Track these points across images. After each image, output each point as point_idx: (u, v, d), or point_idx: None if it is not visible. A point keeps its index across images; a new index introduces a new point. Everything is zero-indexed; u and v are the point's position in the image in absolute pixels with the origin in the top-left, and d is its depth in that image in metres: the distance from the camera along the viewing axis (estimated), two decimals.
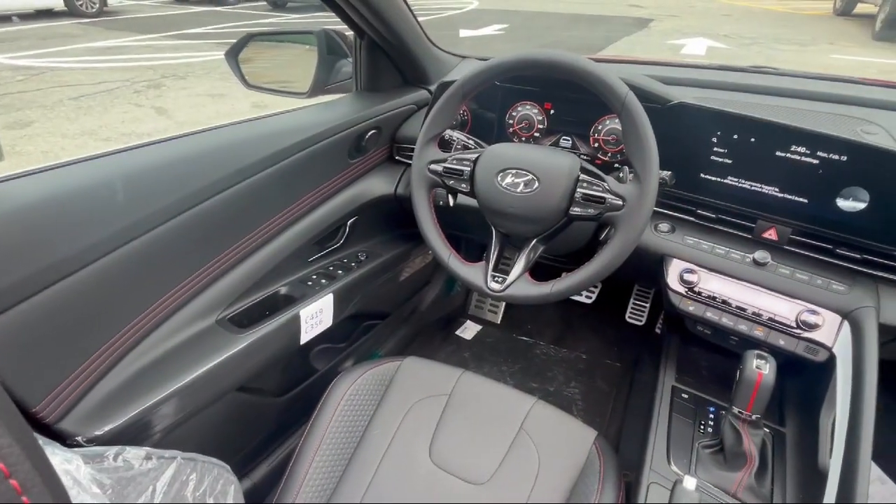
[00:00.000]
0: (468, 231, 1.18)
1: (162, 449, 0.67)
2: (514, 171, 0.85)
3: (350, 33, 1.21)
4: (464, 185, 0.91)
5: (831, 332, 0.87)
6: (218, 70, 5.97)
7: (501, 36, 7.94)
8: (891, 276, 0.86)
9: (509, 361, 1.74)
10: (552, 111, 1.10)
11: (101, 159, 0.80)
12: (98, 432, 0.74)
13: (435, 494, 0.86)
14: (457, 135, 1.07)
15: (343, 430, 0.95)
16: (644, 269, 1.05)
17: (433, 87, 1.27)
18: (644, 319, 1.77)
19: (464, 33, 7.95)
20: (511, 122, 1.13)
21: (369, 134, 1.18)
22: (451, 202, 1.00)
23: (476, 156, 0.90)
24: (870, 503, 0.69)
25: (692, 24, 8.73)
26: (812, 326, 0.88)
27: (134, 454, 0.61)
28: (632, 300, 1.80)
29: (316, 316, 1.11)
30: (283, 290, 1.11)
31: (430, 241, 0.94)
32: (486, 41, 7.50)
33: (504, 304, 1.91)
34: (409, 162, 1.00)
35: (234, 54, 1.24)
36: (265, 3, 11.40)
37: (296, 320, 1.06)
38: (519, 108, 1.12)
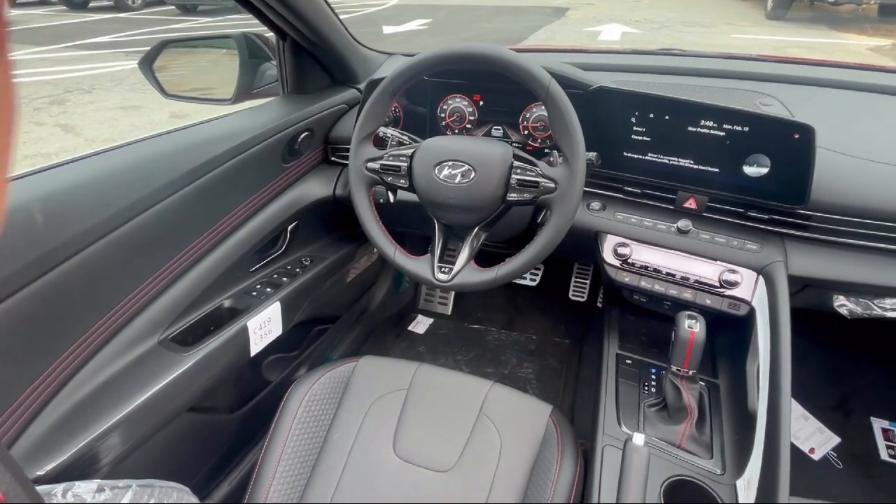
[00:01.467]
0: (412, 226, 1.20)
1: (115, 479, 0.64)
2: (450, 163, 0.87)
3: (271, 35, 1.19)
4: (402, 181, 0.92)
5: (749, 287, 0.96)
6: (128, 81, 5.60)
7: (426, 31, 7.96)
8: (795, 233, 0.96)
9: (463, 350, 1.77)
10: (482, 102, 1.13)
11: (13, 183, 0.74)
12: (41, 472, 0.70)
13: (403, 487, 0.88)
14: (391, 131, 1.08)
15: (304, 437, 0.94)
16: (581, 247, 1.11)
17: (362, 86, 1.27)
18: (586, 295, 1.85)
19: (387, 30, 7.90)
20: (443, 115, 1.15)
21: (302, 137, 1.17)
22: (392, 199, 1.01)
23: (412, 151, 0.91)
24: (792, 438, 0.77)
25: (605, 11, 9.11)
26: (733, 284, 0.96)
27: (85, 488, 0.58)
28: (573, 278, 1.89)
29: (264, 326, 1.09)
30: (228, 304, 1.08)
31: (374, 238, 0.95)
32: (411, 37, 7.49)
33: (453, 294, 1.95)
34: (346, 162, 1.00)
35: (148, 63, 1.18)
36: (173, 7, 10.76)
37: (243, 333, 1.04)
38: (449, 102, 1.14)
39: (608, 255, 1.06)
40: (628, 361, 1.07)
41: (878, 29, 7.36)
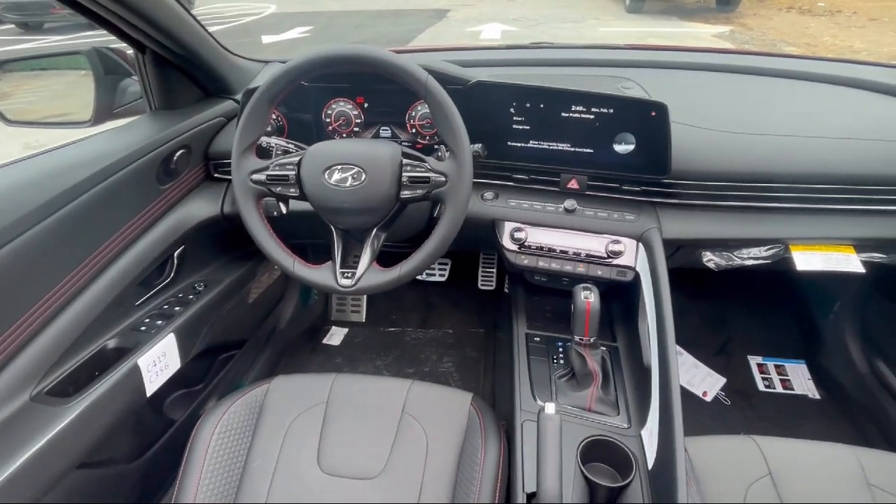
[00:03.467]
0: (311, 236, 1.16)
1: None
2: (339, 167, 0.86)
3: (130, 49, 1.09)
4: (293, 190, 0.89)
5: (632, 255, 1.05)
6: None
7: (308, 38, 7.76)
8: (664, 200, 1.07)
9: (382, 355, 1.76)
10: (366, 104, 1.13)
11: None
12: None
13: (332, 502, 0.85)
14: (275, 141, 1.04)
15: (219, 472, 0.89)
16: (481, 237, 1.15)
17: (239, 97, 1.22)
18: (494, 283, 1.92)
19: (267, 39, 7.59)
20: (328, 120, 1.14)
21: (177, 155, 1.09)
22: (284, 209, 0.97)
23: (298, 158, 0.89)
24: (682, 383, 0.85)
25: (484, 11, 9.46)
26: (618, 254, 1.05)
27: None
28: (480, 268, 1.94)
29: (159, 362, 1.01)
30: (113, 343, 0.98)
31: (269, 252, 0.91)
32: (292, 45, 7.26)
33: (365, 301, 1.92)
34: (230, 177, 0.95)
35: None
36: (13, 26, 9.48)
37: (135, 372, 0.95)
38: (333, 106, 1.13)
39: (506, 241, 1.11)
40: (537, 339, 1.13)
41: (718, 18, 8.36)
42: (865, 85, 1.23)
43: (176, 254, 1.14)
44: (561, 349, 1.10)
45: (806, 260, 1.05)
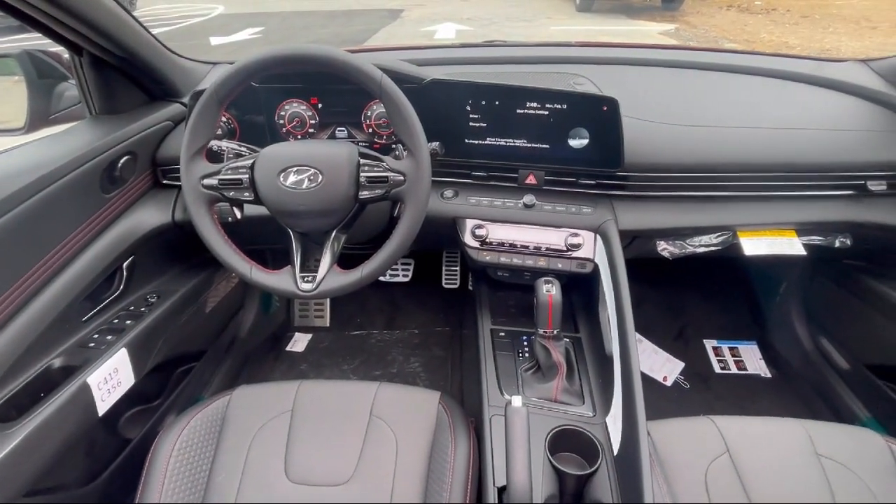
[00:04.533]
0: (268, 241, 1.14)
1: None
2: (294, 169, 0.84)
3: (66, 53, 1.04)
4: (247, 194, 0.87)
5: (590, 247, 1.07)
6: None
7: (259, 39, 7.57)
8: (619, 193, 1.10)
9: (348, 359, 1.74)
10: (320, 105, 1.11)
11: None
12: None
13: None
14: (226, 144, 1.01)
15: (181, 490, 0.86)
16: (443, 235, 1.15)
17: (186, 100, 1.17)
18: (458, 281, 1.93)
19: (216, 41, 7.35)
20: (282, 122, 1.11)
21: (122, 161, 1.04)
22: (239, 215, 0.94)
23: (251, 161, 0.86)
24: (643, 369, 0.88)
25: (438, 10, 9.47)
26: (577, 246, 1.07)
27: None
28: (444, 267, 1.95)
29: (111, 379, 0.96)
30: (59, 362, 0.93)
31: (225, 259, 0.88)
32: (243, 47, 7.06)
33: (329, 305, 1.89)
34: (180, 184, 0.92)
35: None
36: None
37: (85, 391, 0.90)
38: (286, 107, 1.10)
39: (468, 238, 1.11)
40: (502, 334, 1.14)
41: (664, 16, 8.66)
42: (801, 78, 1.30)
43: (125, 265, 1.09)
44: (526, 343, 1.11)
45: (753, 245, 1.10)
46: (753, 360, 1.69)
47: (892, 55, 1.24)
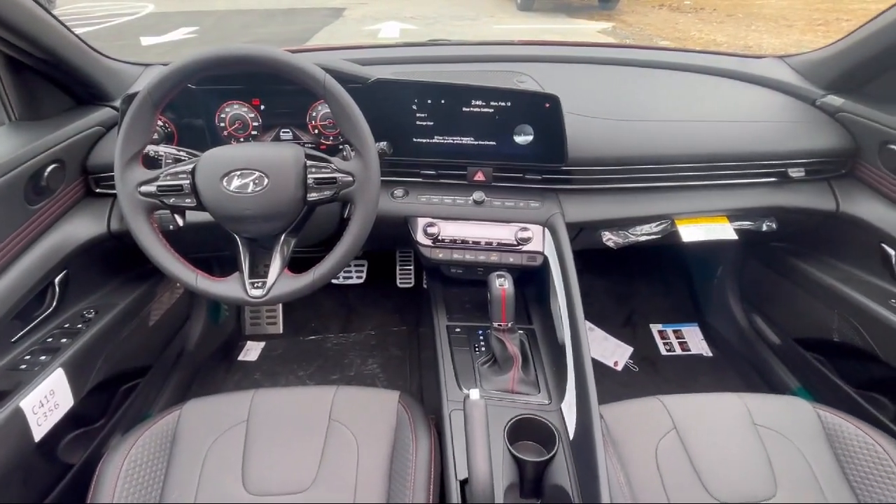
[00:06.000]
0: (214, 248, 1.10)
1: None
2: (238, 173, 0.82)
3: None
4: (188, 200, 0.84)
5: (539, 240, 1.10)
6: None
7: (194, 39, 7.25)
8: (564, 187, 1.13)
9: (304, 365, 1.70)
10: (263, 107, 1.08)
11: None
12: None
13: None
14: (163, 149, 0.97)
15: None
16: (395, 234, 1.15)
17: (118, 103, 1.11)
18: (413, 280, 1.93)
19: (147, 41, 6.99)
20: (223, 125, 1.07)
21: (49, 170, 0.98)
22: (181, 222, 0.91)
23: (192, 166, 0.83)
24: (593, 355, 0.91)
25: (381, 9, 9.40)
26: (527, 240, 1.10)
27: None
28: (398, 266, 1.94)
29: (47, 402, 0.90)
30: None
31: (167, 268, 0.84)
32: (177, 47, 6.74)
33: (281, 311, 1.85)
34: (115, 192, 0.87)
35: None
36: None
37: (18, 416, 0.84)
38: (227, 110, 1.07)
39: (420, 237, 1.12)
40: (458, 330, 1.15)
41: (601, 15, 8.96)
42: (727, 74, 1.38)
43: (57, 280, 1.02)
44: (481, 337, 1.13)
45: (689, 232, 1.16)
46: (696, 341, 1.79)
47: (806, 51, 1.34)
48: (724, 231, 1.18)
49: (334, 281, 1.94)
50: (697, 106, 1.25)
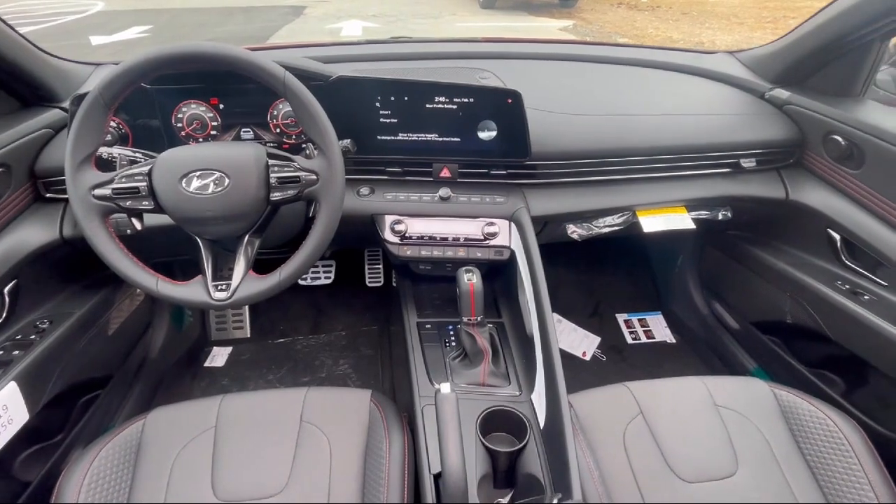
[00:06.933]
0: (174, 252, 1.07)
1: None
2: (198, 173, 0.80)
3: None
4: (146, 203, 0.81)
5: (506, 234, 1.12)
6: None
7: (148, 38, 7.01)
8: (528, 181, 1.15)
9: (274, 368, 1.68)
10: (222, 106, 1.05)
11: None
12: None
13: None
14: (118, 151, 0.94)
15: None
16: (363, 233, 1.14)
17: (67, 104, 1.07)
18: (382, 279, 1.92)
19: (97, 40, 6.71)
20: (180, 125, 1.05)
21: None
22: (139, 226, 0.88)
23: (149, 167, 0.81)
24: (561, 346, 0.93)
25: (342, 7, 9.29)
26: (493, 235, 1.11)
27: None
28: (367, 266, 1.93)
29: (0, 417, 0.86)
30: None
31: (126, 274, 0.82)
32: (129, 46, 6.50)
33: (248, 314, 1.82)
34: (67, 196, 0.84)
35: None
36: None
37: None
38: (184, 109, 1.04)
39: (388, 235, 1.11)
40: (428, 326, 1.15)
41: (562, 13, 9.11)
42: (683, 69, 1.43)
43: (6, 290, 0.98)
44: (452, 332, 1.14)
45: (650, 223, 1.20)
46: (660, 329, 1.85)
47: (754, 47, 1.40)
48: (683, 221, 1.22)
49: (302, 282, 1.92)
50: (655, 100, 1.29)
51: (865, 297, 1.11)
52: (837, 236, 1.18)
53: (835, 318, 1.15)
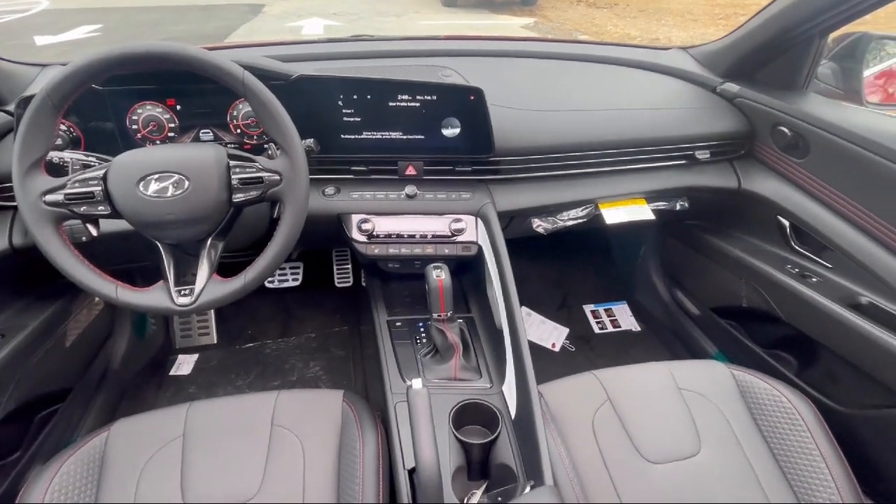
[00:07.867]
0: (134, 258, 1.04)
1: None
2: (156, 176, 0.78)
3: None
4: (101, 208, 0.79)
5: (473, 230, 1.13)
6: None
7: (98, 38, 6.74)
8: (493, 177, 1.16)
9: (242, 374, 1.65)
10: (179, 107, 1.03)
11: None
12: None
13: None
14: (69, 155, 0.90)
15: None
16: (329, 233, 1.13)
17: (12, 107, 1.02)
18: (351, 279, 1.91)
19: (42, 41, 6.41)
20: (135, 127, 1.01)
21: None
22: (95, 232, 0.85)
23: (103, 171, 0.78)
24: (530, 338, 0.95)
25: (302, 5, 9.14)
26: (460, 231, 1.12)
27: None
28: (335, 266, 1.92)
29: None
30: None
31: (83, 282, 0.79)
32: (78, 46, 6.24)
33: (214, 319, 1.78)
34: (15, 203, 0.80)
35: None
36: None
37: None
38: (139, 111, 1.01)
39: (355, 234, 1.11)
40: (398, 324, 1.16)
41: (523, 11, 9.21)
42: (640, 65, 1.47)
43: None
44: (422, 329, 1.15)
45: (612, 214, 1.23)
46: (626, 318, 1.90)
47: (706, 42, 1.45)
48: (643, 212, 1.26)
49: (270, 285, 1.89)
50: (614, 95, 1.33)
51: (813, 279, 1.17)
52: (787, 223, 1.24)
53: (786, 300, 1.20)
